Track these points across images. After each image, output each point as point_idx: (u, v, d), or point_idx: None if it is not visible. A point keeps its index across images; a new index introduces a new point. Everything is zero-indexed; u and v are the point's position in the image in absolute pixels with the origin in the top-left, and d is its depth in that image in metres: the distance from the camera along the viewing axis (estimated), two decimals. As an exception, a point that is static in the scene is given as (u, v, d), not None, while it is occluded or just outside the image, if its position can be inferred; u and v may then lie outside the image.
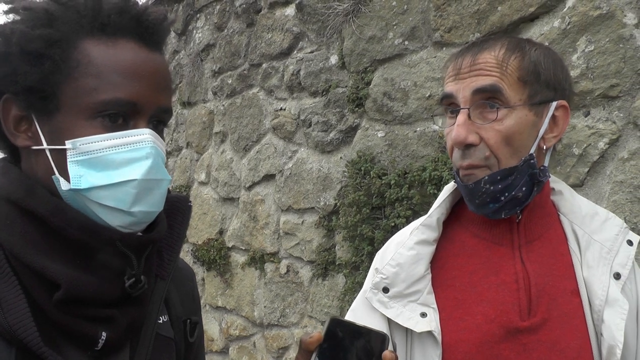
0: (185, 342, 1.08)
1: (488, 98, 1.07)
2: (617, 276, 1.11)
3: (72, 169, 0.85)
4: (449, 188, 1.24)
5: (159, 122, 0.94)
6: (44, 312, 0.84)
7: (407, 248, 1.17)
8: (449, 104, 1.13)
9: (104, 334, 0.87)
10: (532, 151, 1.10)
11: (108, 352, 0.89)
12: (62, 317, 0.85)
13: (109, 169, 0.86)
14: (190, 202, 1.07)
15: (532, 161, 1.09)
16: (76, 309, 0.86)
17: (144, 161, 0.87)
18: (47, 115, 0.87)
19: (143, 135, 0.88)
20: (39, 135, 0.88)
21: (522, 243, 1.16)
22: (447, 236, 1.21)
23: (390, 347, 1.14)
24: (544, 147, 1.12)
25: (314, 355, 0.82)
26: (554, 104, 1.11)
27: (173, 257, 1.02)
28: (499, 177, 1.08)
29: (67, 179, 0.86)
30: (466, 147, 1.08)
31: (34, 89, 0.86)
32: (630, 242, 1.15)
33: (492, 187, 1.08)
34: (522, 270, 1.13)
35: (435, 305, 1.14)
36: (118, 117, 0.87)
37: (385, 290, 1.15)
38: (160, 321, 1.01)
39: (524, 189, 1.09)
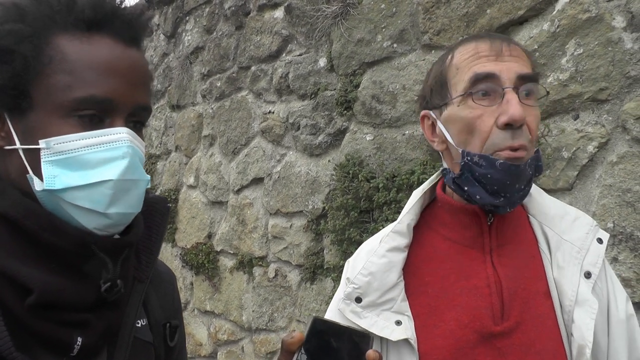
0: (165, 347, 1.05)
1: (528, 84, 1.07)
2: (588, 275, 1.10)
3: (45, 169, 0.83)
4: (417, 193, 1.22)
5: (137, 122, 0.92)
6: (16, 317, 0.81)
7: (379, 256, 1.15)
8: (488, 82, 1.07)
9: (79, 339, 0.85)
10: None
11: (84, 357, 0.87)
12: (35, 322, 0.82)
13: (85, 169, 0.84)
14: (169, 203, 1.06)
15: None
16: (50, 314, 0.83)
17: (120, 161, 0.85)
18: (20, 113, 0.85)
19: (120, 134, 0.85)
20: (12, 135, 0.85)
21: (494, 247, 1.14)
22: (418, 241, 1.19)
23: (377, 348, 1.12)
24: None
25: (295, 356, 0.80)
26: None
27: (151, 259, 1.00)
28: (534, 161, 1.09)
29: (41, 178, 0.83)
30: (518, 127, 1.05)
31: (5, 87, 0.83)
32: (600, 240, 1.15)
33: (530, 171, 1.08)
34: (494, 275, 1.12)
35: (409, 313, 1.12)
36: (94, 115, 0.84)
37: (358, 300, 1.13)
38: (139, 325, 0.98)
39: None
